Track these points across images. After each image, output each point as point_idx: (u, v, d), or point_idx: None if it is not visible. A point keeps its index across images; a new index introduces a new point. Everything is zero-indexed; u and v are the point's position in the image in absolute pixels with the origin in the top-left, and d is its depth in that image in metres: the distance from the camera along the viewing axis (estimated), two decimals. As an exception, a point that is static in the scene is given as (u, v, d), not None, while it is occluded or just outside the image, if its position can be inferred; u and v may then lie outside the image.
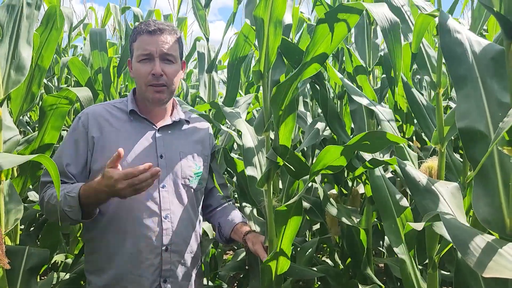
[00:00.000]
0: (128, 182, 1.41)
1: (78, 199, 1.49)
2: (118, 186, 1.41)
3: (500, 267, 0.73)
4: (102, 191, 1.46)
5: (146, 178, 1.42)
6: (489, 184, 0.96)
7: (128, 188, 1.42)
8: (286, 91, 1.47)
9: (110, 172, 1.42)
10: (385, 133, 1.26)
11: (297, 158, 1.82)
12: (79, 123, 1.67)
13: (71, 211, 1.51)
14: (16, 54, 1.72)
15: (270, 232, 1.62)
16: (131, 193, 1.44)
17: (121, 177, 1.40)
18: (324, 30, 1.35)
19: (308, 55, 1.39)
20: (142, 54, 1.64)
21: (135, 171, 1.40)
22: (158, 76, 1.64)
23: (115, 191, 1.43)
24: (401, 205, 1.57)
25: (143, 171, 1.41)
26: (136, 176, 1.41)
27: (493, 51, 1.01)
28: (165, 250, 1.62)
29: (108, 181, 1.42)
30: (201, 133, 1.85)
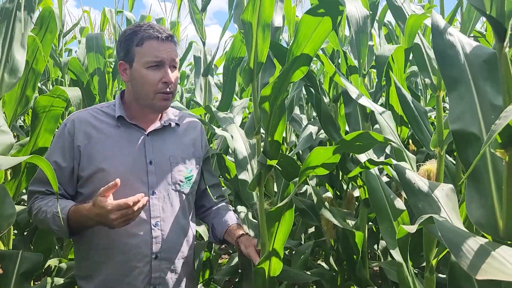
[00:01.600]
0: (121, 213, 1.40)
1: (67, 220, 1.49)
2: (111, 217, 1.40)
3: (493, 269, 0.73)
4: (91, 219, 1.45)
5: (139, 208, 1.43)
6: (482, 186, 0.96)
7: (120, 218, 1.41)
8: (275, 93, 1.47)
9: (103, 202, 1.40)
10: (368, 132, 1.26)
11: (290, 160, 1.82)
12: (65, 131, 1.64)
13: (59, 230, 1.52)
14: (9, 57, 1.71)
15: (262, 235, 1.61)
16: (121, 224, 1.43)
17: (114, 208, 1.39)
18: (306, 30, 1.35)
19: (292, 55, 1.39)
20: (153, 60, 1.59)
21: (129, 202, 1.40)
22: (169, 84, 1.62)
23: (106, 221, 1.42)
24: (397, 208, 1.57)
25: (137, 202, 1.41)
26: (129, 207, 1.40)
27: (485, 53, 1.01)
28: (155, 258, 1.60)
29: (100, 210, 1.40)
30: (192, 133, 1.82)
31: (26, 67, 2.01)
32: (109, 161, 1.59)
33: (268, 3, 1.46)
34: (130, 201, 1.40)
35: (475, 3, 0.94)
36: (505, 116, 0.75)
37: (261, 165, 1.59)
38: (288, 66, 1.41)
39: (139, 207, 1.42)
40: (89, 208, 1.44)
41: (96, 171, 1.58)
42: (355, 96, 1.69)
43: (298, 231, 3.06)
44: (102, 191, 1.42)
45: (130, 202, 1.40)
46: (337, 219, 1.96)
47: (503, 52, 0.90)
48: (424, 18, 1.46)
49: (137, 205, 1.41)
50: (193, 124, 1.85)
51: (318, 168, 1.42)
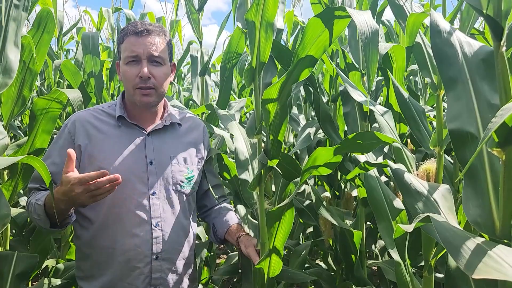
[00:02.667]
0: (84, 187, 1.36)
1: (44, 207, 1.48)
2: (75, 191, 1.36)
3: (489, 268, 0.73)
4: (60, 200, 1.41)
5: (103, 184, 1.37)
6: (479, 185, 0.96)
7: (85, 193, 1.37)
8: (278, 94, 1.47)
9: (66, 177, 1.37)
10: (373, 132, 1.26)
11: (290, 160, 1.81)
12: (65, 131, 1.65)
13: (39, 219, 1.50)
14: (3, 56, 1.70)
15: (262, 235, 1.61)
16: (88, 199, 1.40)
17: (76, 181, 1.35)
18: (313, 33, 1.35)
19: (297, 57, 1.39)
20: (129, 56, 1.59)
21: (90, 176, 1.36)
22: (145, 78, 1.58)
23: (72, 197, 1.38)
24: (396, 207, 1.57)
25: (100, 176, 1.36)
26: (91, 181, 1.36)
27: (483, 52, 1.01)
28: (155, 259, 1.59)
29: (65, 187, 1.37)
30: (194, 134, 1.81)
31: (23, 67, 2.01)
32: (109, 161, 1.58)
33: (272, 3, 1.46)
34: (92, 174, 1.36)
35: (472, 2, 0.94)
36: (501, 114, 0.74)
37: (262, 165, 1.59)
38: (293, 67, 1.41)
39: (103, 183, 1.36)
40: (57, 189, 1.41)
41: (96, 170, 1.55)
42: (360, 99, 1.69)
43: (297, 230, 3.05)
44: (64, 168, 1.39)
45: (92, 175, 1.35)
46: (335, 218, 1.96)
47: (500, 51, 0.90)
48: (424, 16, 1.46)
49: (101, 180, 1.36)
50: (196, 124, 1.84)
51: (320, 168, 1.42)
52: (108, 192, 1.41)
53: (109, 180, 1.37)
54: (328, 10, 1.32)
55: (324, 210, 2.00)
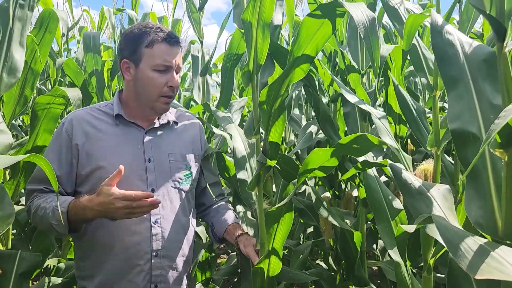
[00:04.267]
0: (125, 204, 1.39)
1: (67, 214, 1.48)
2: (115, 205, 1.39)
3: (492, 269, 0.73)
4: (93, 209, 1.43)
5: (144, 205, 1.41)
6: (481, 186, 0.96)
7: (124, 209, 1.40)
8: (275, 94, 1.47)
9: (110, 190, 1.40)
10: (365, 135, 1.26)
11: (289, 160, 1.81)
12: (62, 130, 1.64)
13: (58, 225, 1.50)
14: (8, 56, 1.71)
15: (261, 235, 1.61)
16: (123, 216, 1.43)
17: (120, 196, 1.39)
18: (308, 32, 1.35)
19: (293, 56, 1.39)
20: (161, 64, 1.60)
21: (137, 195, 1.40)
22: (175, 88, 1.64)
23: (109, 210, 1.41)
24: (395, 208, 1.57)
25: (144, 197, 1.40)
26: (135, 201, 1.40)
27: (484, 53, 1.01)
28: (155, 256, 1.60)
29: (105, 198, 1.40)
30: (191, 131, 1.83)
31: (25, 67, 2.01)
32: (107, 159, 1.58)
33: (269, 3, 1.46)
34: (139, 194, 1.40)
35: (475, 3, 0.94)
36: (504, 115, 0.75)
37: (261, 165, 1.59)
38: (289, 67, 1.41)
39: (145, 204, 1.41)
40: (91, 198, 1.43)
41: (95, 169, 1.58)
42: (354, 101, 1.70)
43: (297, 231, 3.06)
44: (108, 181, 1.41)
45: (138, 194, 1.40)
46: (335, 219, 1.96)
47: (503, 52, 0.90)
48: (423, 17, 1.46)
49: (143, 202, 1.40)
50: (192, 122, 1.86)
51: (316, 171, 1.42)
52: (144, 213, 1.46)
53: (151, 203, 1.42)
54: (322, 6, 1.32)
55: (325, 211, 2.00)
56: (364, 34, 1.41)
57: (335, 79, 1.83)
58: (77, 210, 1.47)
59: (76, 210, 1.47)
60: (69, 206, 1.48)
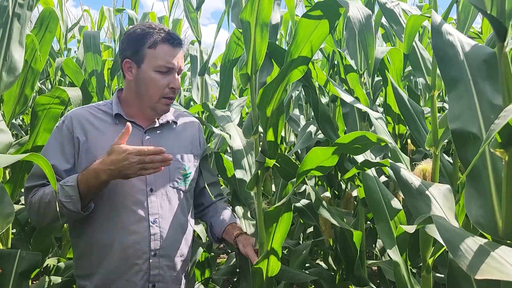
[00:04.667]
0: (139, 158, 1.41)
1: (77, 187, 1.45)
2: (129, 160, 1.40)
3: (492, 269, 0.73)
4: (105, 171, 1.43)
5: (157, 159, 1.43)
6: (482, 186, 0.96)
7: (137, 165, 1.41)
8: (273, 93, 1.47)
9: (121, 147, 1.42)
10: (364, 134, 1.26)
11: (288, 160, 1.81)
12: (63, 126, 1.63)
13: (70, 202, 1.45)
14: (8, 55, 1.71)
15: (260, 235, 1.61)
16: (136, 171, 1.43)
17: (134, 151, 1.41)
18: (305, 32, 1.35)
19: (291, 56, 1.39)
20: (163, 65, 1.61)
21: (150, 150, 1.42)
22: (176, 90, 1.65)
23: (122, 166, 1.41)
24: (394, 208, 1.57)
25: (157, 152, 1.43)
26: (148, 155, 1.42)
27: (485, 53, 1.01)
28: (154, 255, 1.60)
29: (118, 155, 1.41)
30: (190, 131, 1.83)
31: (25, 66, 2.01)
32: None
33: (267, 3, 1.45)
34: (151, 148, 1.43)
35: (476, 3, 0.94)
36: (504, 115, 0.75)
37: (259, 164, 1.59)
38: (286, 67, 1.41)
39: (158, 159, 1.43)
40: (102, 160, 1.44)
41: None
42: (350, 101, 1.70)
43: (297, 230, 3.06)
44: (118, 140, 1.44)
45: (151, 148, 1.43)
46: (335, 218, 1.96)
47: (503, 52, 0.90)
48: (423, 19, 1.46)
49: (156, 156, 1.43)
50: (191, 122, 1.86)
51: (314, 170, 1.42)
52: (156, 170, 1.46)
53: (163, 158, 1.44)
54: (318, 5, 1.32)
55: (324, 210, 2.00)
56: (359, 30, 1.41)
57: (331, 81, 1.83)
58: (88, 177, 1.45)
59: (88, 178, 1.45)
60: (78, 178, 1.47)
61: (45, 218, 1.56)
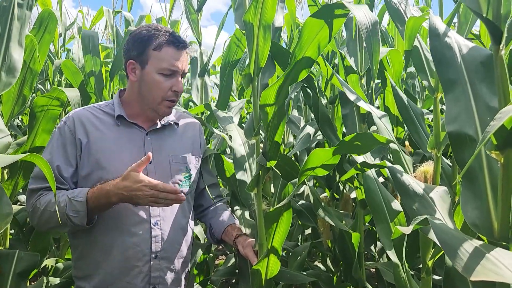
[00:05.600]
0: (153, 192, 1.42)
1: (86, 203, 1.46)
2: (143, 192, 1.41)
3: (487, 270, 0.73)
4: (117, 194, 1.43)
5: (170, 198, 1.44)
6: (477, 188, 0.96)
7: (150, 197, 1.42)
8: (276, 95, 1.47)
9: (138, 176, 1.42)
10: (370, 133, 1.26)
11: (289, 161, 1.81)
12: (65, 127, 1.62)
13: (76, 217, 1.47)
14: (7, 55, 1.71)
15: (260, 236, 1.61)
16: (147, 203, 1.45)
17: (149, 184, 1.41)
18: (310, 33, 1.36)
19: (295, 58, 1.39)
20: (168, 68, 1.60)
21: (165, 188, 1.42)
22: (179, 93, 1.65)
23: (135, 195, 1.42)
24: (394, 209, 1.57)
25: (172, 192, 1.43)
26: (163, 192, 1.42)
27: (482, 55, 1.01)
28: (154, 257, 1.59)
29: (133, 184, 1.41)
30: (191, 133, 1.82)
31: (23, 66, 2.01)
32: (108, 159, 1.58)
33: (270, 5, 1.46)
34: (167, 186, 1.43)
35: (472, 6, 0.94)
36: (499, 117, 0.75)
37: (260, 166, 1.59)
38: (291, 68, 1.41)
39: (171, 198, 1.44)
40: (116, 183, 1.44)
41: (94, 168, 1.57)
42: (354, 99, 1.70)
43: (295, 232, 3.06)
44: (135, 166, 1.43)
45: (167, 187, 1.43)
46: (333, 220, 1.96)
47: (499, 54, 0.91)
48: (423, 20, 1.47)
49: (171, 195, 1.43)
50: (192, 123, 1.86)
51: (317, 169, 1.42)
52: (167, 205, 1.48)
53: (176, 198, 1.45)
54: (325, 7, 1.32)
55: (323, 212, 2.00)
56: (366, 36, 1.42)
57: (338, 77, 1.83)
58: (99, 196, 1.46)
59: (98, 197, 1.46)
60: (88, 194, 1.47)
61: (46, 225, 1.56)
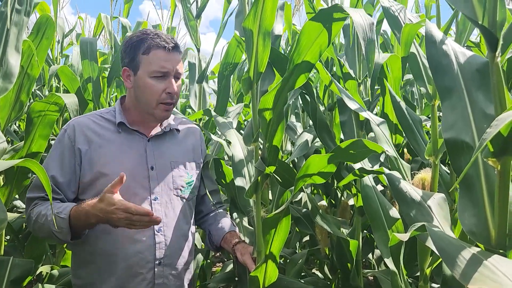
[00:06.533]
0: (126, 215, 1.39)
1: (69, 220, 1.46)
2: (116, 215, 1.38)
3: (485, 278, 0.73)
4: (95, 216, 1.42)
5: (144, 221, 1.41)
6: (475, 195, 0.96)
7: (124, 221, 1.40)
8: (275, 101, 1.47)
9: (112, 199, 1.39)
10: (362, 141, 1.26)
11: (287, 167, 1.81)
12: (65, 136, 1.62)
13: (60, 233, 1.47)
14: (4, 61, 1.71)
15: (258, 243, 1.60)
16: (124, 225, 1.42)
17: (121, 208, 1.38)
18: (308, 38, 1.36)
19: (293, 63, 1.39)
20: (158, 71, 1.59)
21: (137, 210, 1.39)
22: (173, 95, 1.63)
23: (110, 218, 1.40)
24: (391, 216, 1.57)
25: (145, 214, 1.39)
26: (136, 215, 1.39)
27: (478, 63, 1.02)
28: (158, 264, 1.58)
29: (107, 206, 1.39)
30: (192, 139, 1.82)
31: (21, 72, 2.01)
32: (110, 166, 1.57)
33: (270, 11, 1.46)
34: (139, 209, 1.39)
35: (468, 13, 0.95)
36: (496, 124, 0.75)
37: (259, 172, 1.58)
38: (289, 73, 1.41)
39: (145, 220, 1.40)
40: (93, 204, 1.42)
41: (97, 176, 1.56)
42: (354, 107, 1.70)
43: (293, 239, 3.05)
44: (110, 187, 1.40)
45: (137, 210, 1.38)
46: (331, 227, 1.95)
47: (495, 62, 0.91)
48: (419, 27, 1.47)
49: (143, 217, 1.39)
50: (192, 129, 1.86)
51: (315, 176, 1.41)
52: (144, 227, 1.45)
53: (150, 220, 1.41)
54: (322, 11, 1.32)
55: (320, 219, 1.99)
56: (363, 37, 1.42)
57: (337, 84, 1.83)
58: (79, 215, 1.45)
59: (79, 216, 1.45)
60: (71, 212, 1.46)
61: (39, 234, 1.59)
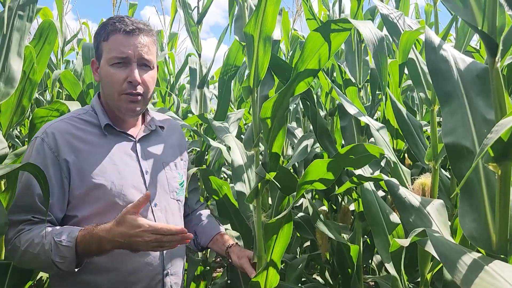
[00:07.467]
0: (156, 237, 1.23)
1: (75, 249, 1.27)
2: (143, 238, 1.22)
3: (486, 283, 0.73)
4: (111, 242, 1.25)
5: (176, 240, 1.27)
6: (475, 200, 0.96)
7: (152, 243, 1.24)
8: (276, 107, 1.47)
9: (135, 221, 1.23)
10: (362, 145, 1.26)
11: (287, 173, 1.81)
12: (43, 146, 1.39)
13: (63, 263, 1.28)
14: (6, 66, 1.71)
15: (259, 248, 1.60)
16: (149, 248, 1.27)
17: (149, 229, 1.23)
18: (313, 47, 1.37)
19: (297, 70, 1.40)
20: (116, 56, 1.42)
21: (170, 230, 1.24)
22: (135, 84, 1.44)
23: (134, 242, 1.24)
24: (392, 222, 1.57)
25: (177, 232, 1.25)
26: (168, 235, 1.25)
27: (477, 68, 1.02)
28: (166, 275, 1.49)
29: (129, 230, 1.22)
30: (175, 136, 1.71)
31: (23, 77, 2.01)
32: (104, 176, 1.41)
33: (270, 17, 1.47)
34: (172, 228, 1.24)
35: (467, 19, 0.95)
36: (496, 130, 0.75)
37: (260, 177, 1.58)
38: (292, 80, 1.42)
39: (176, 239, 1.26)
40: (109, 229, 1.25)
41: (91, 188, 1.39)
42: (354, 113, 1.70)
43: (294, 244, 3.04)
44: (131, 208, 1.25)
45: (172, 229, 1.24)
46: (332, 232, 1.95)
47: (494, 67, 0.91)
48: (418, 34, 1.48)
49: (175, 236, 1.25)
50: (173, 126, 1.74)
51: (316, 183, 1.41)
52: (173, 247, 1.31)
53: (182, 238, 1.28)
54: (329, 22, 1.34)
55: (321, 224, 1.99)
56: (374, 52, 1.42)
57: (336, 89, 1.84)
58: (90, 242, 1.27)
59: (89, 243, 1.27)
60: (77, 238, 1.28)
61: (29, 266, 1.42)
